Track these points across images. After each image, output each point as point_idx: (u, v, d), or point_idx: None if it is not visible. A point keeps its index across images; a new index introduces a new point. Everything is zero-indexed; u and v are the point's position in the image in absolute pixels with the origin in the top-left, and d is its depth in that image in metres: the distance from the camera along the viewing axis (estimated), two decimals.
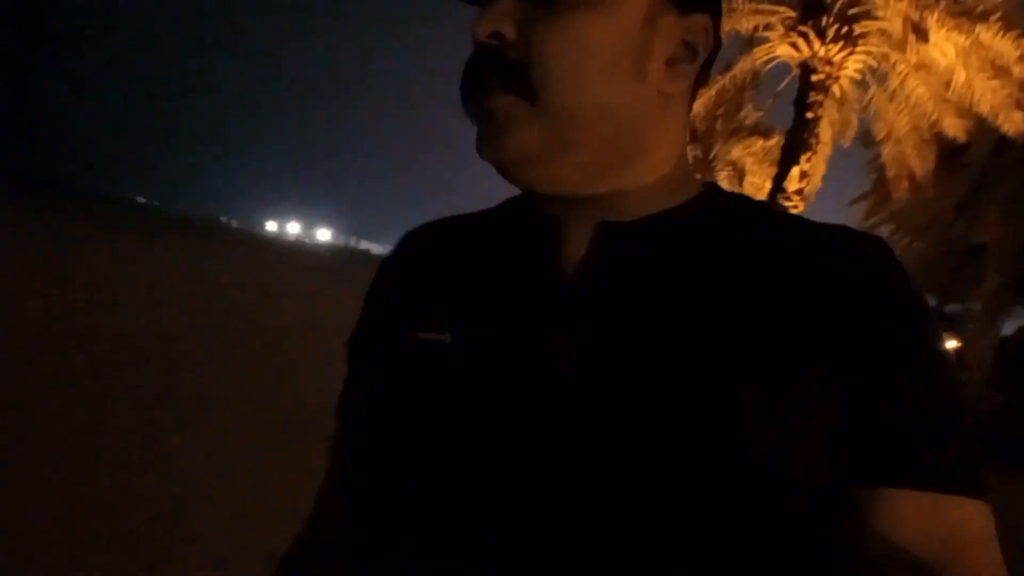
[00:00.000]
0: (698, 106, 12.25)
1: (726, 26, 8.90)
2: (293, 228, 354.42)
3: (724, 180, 17.72)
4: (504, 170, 0.54)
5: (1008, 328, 19.37)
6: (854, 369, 0.47)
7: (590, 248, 0.54)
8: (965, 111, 9.90)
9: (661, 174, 0.56)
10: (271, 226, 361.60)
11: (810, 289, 0.49)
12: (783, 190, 9.76)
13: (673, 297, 0.51)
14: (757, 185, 16.07)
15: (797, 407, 0.46)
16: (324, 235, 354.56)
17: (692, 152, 18.19)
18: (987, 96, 9.88)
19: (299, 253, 76.17)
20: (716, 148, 16.98)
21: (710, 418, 0.46)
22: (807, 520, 0.46)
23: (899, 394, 0.46)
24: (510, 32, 0.51)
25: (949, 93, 9.61)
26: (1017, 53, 9.09)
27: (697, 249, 0.53)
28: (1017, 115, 9.82)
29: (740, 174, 17.50)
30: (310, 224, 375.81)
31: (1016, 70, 9.24)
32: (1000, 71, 9.35)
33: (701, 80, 0.58)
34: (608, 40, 0.52)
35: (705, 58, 0.56)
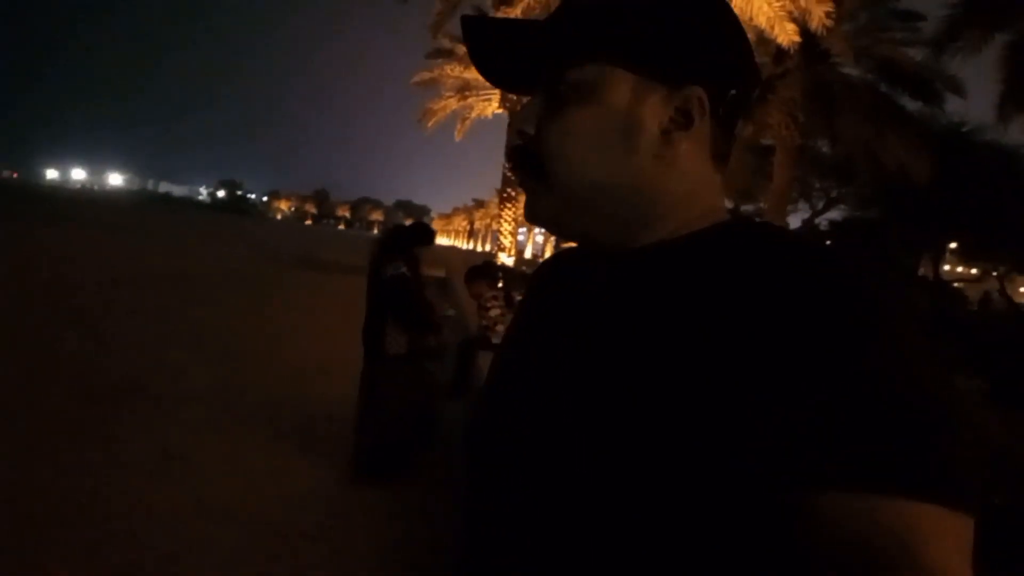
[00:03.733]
0: None
1: None
2: (78, 175, 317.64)
3: None
4: (543, 228, 0.68)
5: (796, 221, 21.66)
6: (790, 383, 0.47)
7: (600, 280, 0.67)
8: (746, 25, 10.58)
9: (686, 221, 0.64)
10: (52, 175, 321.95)
11: (755, 317, 0.51)
12: None
13: (639, 324, 0.59)
14: None
15: (733, 423, 0.48)
16: (116, 180, 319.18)
17: None
18: (764, 9, 10.70)
19: (94, 201, 68.05)
20: None
21: (646, 425, 0.52)
22: (750, 523, 0.47)
23: (835, 399, 0.45)
24: (531, 130, 0.65)
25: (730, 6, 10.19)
26: None
27: (673, 281, 0.60)
28: (790, 26, 10.74)
29: None
30: (97, 170, 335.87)
31: None
32: None
33: (728, 127, 0.66)
34: (595, 126, 0.62)
35: (702, 118, 0.63)
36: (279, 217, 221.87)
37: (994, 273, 18.36)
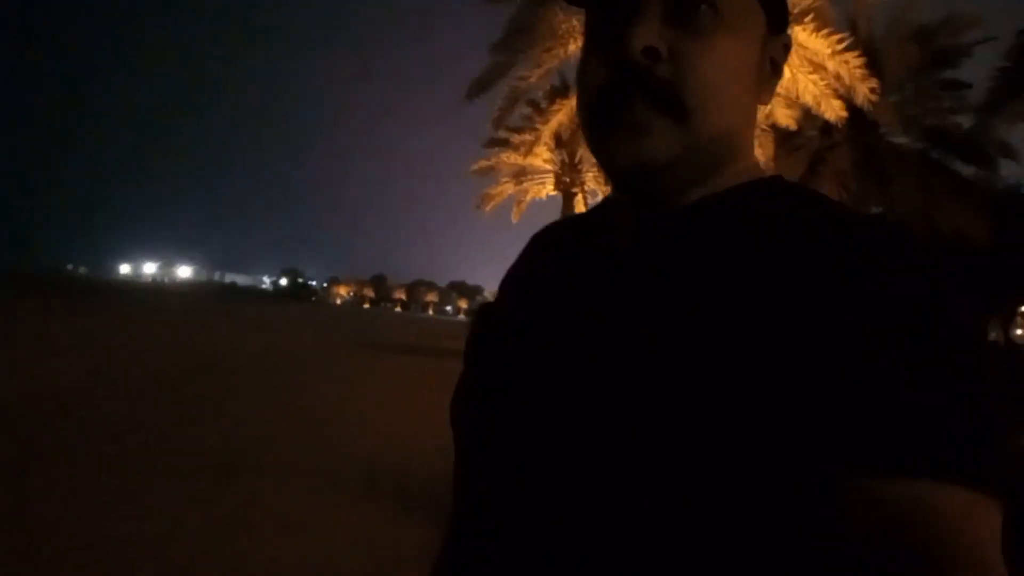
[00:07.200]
0: (563, 115, 12.87)
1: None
2: (149, 269, 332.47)
3: (591, 181, 18.58)
4: (628, 175, 0.56)
5: None
6: (825, 357, 0.43)
7: (633, 235, 0.59)
8: (793, 102, 10.98)
9: (734, 175, 0.58)
10: (124, 269, 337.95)
11: (797, 282, 0.46)
12: None
13: (674, 285, 0.53)
14: None
15: (767, 397, 0.44)
16: (185, 272, 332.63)
17: (559, 157, 18.96)
18: (809, 88, 11.05)
19: (159, 294, 70.20)
20: (580, 152, 17.77)
21: (680, 400, 0.46)
22: (781, 505, 0.43)
23: (867, 377, 0.41)
24: (663, 50, 0.52)
25: (778, 88, 10.59)
26: (829, 50, 10.29)
27: (712, 238, 0.54)
28: (836, 103, 11.05)
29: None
30: (168, 263, 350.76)
31: (830, 65, 10.43)
32: (817, 67, 10.52)
33: None
34: (744, 63, 0.56)
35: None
36: (338, 302, 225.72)
37: None
